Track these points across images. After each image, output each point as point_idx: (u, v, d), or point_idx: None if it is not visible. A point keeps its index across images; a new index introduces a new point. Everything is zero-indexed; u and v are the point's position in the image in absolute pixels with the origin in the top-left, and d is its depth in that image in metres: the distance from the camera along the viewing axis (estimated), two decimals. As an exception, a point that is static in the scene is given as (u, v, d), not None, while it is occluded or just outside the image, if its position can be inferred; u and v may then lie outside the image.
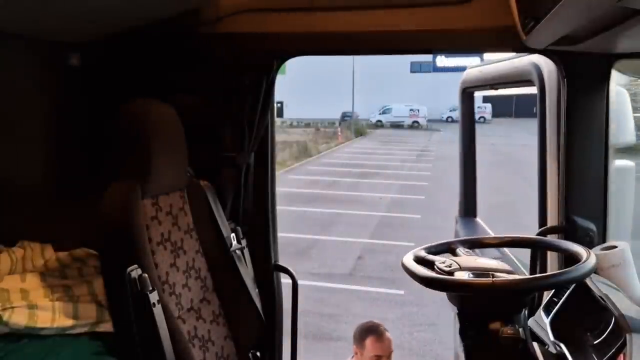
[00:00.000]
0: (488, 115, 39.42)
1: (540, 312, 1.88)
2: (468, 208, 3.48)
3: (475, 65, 3.14)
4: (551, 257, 2.24)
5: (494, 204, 3.58)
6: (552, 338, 1.70)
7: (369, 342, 2.84)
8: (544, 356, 1.66)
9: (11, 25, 1.98)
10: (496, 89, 3.01)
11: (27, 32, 2.12)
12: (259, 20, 2.25)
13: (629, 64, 2.08)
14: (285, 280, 2.43)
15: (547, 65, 2.22)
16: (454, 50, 2.46)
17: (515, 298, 1.58)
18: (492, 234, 2.79)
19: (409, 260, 1.69)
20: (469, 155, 3.41)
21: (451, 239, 1.95)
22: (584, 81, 2.07)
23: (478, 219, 3.44)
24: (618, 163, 2.23)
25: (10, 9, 1.77)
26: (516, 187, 12.73)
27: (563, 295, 1.81)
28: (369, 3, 2.19)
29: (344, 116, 43.54)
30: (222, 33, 2.25)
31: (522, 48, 2.04)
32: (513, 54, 2.45)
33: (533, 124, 2.47)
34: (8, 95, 2.17)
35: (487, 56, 2.38)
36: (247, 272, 2.13)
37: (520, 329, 1.56)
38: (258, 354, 2.16)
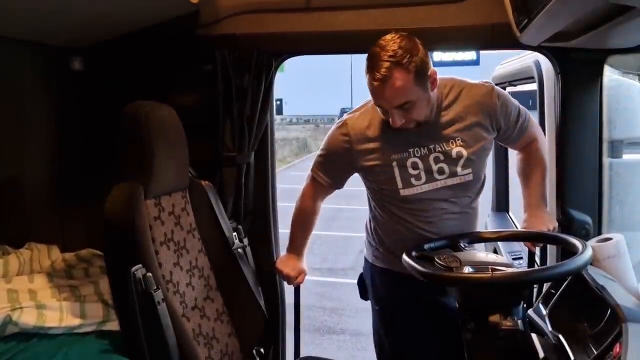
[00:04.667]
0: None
1: (539, 303, 1.91)
2: (500, 203, 3.55)
3: (505, 62, 3.17)
4: (549, 250, 2.27)
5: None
6: (550, 329, 1.73)
7: (367, 79, 1.83)
8: (542, 347, 1.68)
9: (14, 31, 2.01)
10: (515, 85, 3.04)
11: (30, 37, 2.14)
12: (257, 21, 2.27)
13: (620, 59, 2.10)
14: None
15: (545, 62, 2.25)
16: (450, 47, 2.48)
17: (514, 291, 1.61)
18: (519, 228, 2.79)
19: (409, 256, 1.72)
20: (500, 152, 3.44)
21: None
22: (578, 77, 2.09)
23: (509, 214, 3.50)
24: (632, 157, 2.24)
25: (13, 14, 1.80)
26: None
27: (561, 287, 1.83)
28: (365, 2, 2.21)
29: (343, 112, 43.39)
30: (221, 34, 2.28)
31: (516, 45, 2.07)
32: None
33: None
34: (13, 99, 2.20)
35: (489, 52, 2.39)
36: (249, 270, 2.16)
37: (519, 321, 1.60)
38: (262, 350, 2.18)
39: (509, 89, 3.17)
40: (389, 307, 2.15)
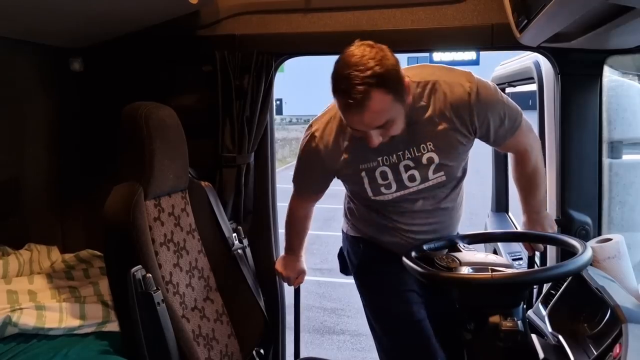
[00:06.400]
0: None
1: (539, 304, 1.91)
2: (500, 203, 3.57)
3: (505, 62, 3.17)
4: (549, 251, 2.27)
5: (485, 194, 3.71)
6: (550, 329, 1.72)
7: (338, 102, 1.64)
8: (542, 347, 1.68)
9: (15, 32, 2.01)
10: (514, 86, 3.04)
11: (30, 37, 2.14)
12: (257, 22, 2.28)
13: (620, 60, 2.10)
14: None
15: (545, 62, 2.25)
16: (449, 48, 2.48)
17: (513, 292, 1.61)
18: (519, 229, 2.77)
19: (409, 257, 1.71)
20: (500, 152, 3.44)
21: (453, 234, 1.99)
22: (577, 77, 2.10)
23: (509, 215, 3.52)
24: (632, 157, 2.23)
25: (13, 14, 1.80)
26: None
27: (560, 288, 1.83)
28: (365, 3, 2.22)
29: (343, 111, 43.31)
30: (221, 35, 2.28)
31: (516, 46, 2.07)
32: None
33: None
34: (13, 99, 2.20)
35: (489, 52, 2.38)
36: (249, 271, 2.16)
37: (519, 322, 1.59)
38: (262, 351, 2.18)
39: (509, 89, 3.17)
40: (364, 270, 2.11)
